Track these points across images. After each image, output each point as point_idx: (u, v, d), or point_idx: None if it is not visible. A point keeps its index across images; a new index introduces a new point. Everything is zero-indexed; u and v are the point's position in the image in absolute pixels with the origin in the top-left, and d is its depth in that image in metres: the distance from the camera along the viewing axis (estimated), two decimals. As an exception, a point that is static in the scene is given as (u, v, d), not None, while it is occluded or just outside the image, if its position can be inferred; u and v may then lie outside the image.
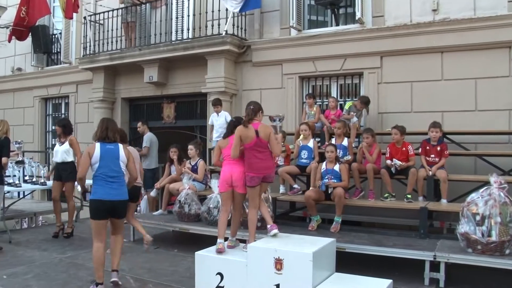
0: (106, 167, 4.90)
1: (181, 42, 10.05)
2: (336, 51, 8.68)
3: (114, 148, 5.03)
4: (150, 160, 9.23)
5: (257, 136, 5.13)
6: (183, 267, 5.91)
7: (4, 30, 13.31)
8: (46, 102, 14.11)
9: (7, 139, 6.71)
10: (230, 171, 5.32)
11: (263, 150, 5.16)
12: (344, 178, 6.59)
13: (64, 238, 7.53)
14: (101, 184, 4.89)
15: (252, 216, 5.34)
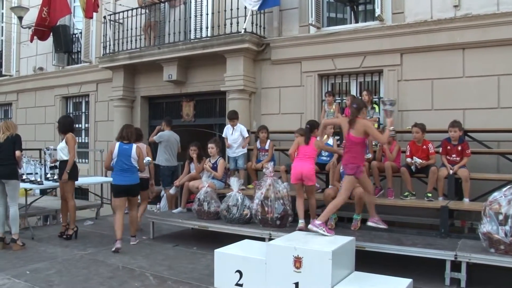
0: (120, 161, 6.80)
1: (200, 41, 10.10)
2: (355, 48, 8.64)
3: (129, 148, 6.87)
4: (168, 158, 9.27)
5: (348, 133, 5.70)
6: (202, 265, 5.96)
7: (27, 30, 13.55)
8: (67, 101, 14.30)
9: (18, 136, 6.85)
10: (301, 167, 6.29)
11: (350, 146, 5.70)
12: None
13: (64, 239, 7.46)
14: (117, 174, 6.86)
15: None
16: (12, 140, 6.73)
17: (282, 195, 6.51)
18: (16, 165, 6.76)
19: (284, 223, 6.47)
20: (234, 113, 8.52)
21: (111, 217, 9.57)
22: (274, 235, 6.02)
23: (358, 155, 5.73)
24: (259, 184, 6.78)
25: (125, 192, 6.87)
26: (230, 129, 8.44)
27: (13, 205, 6.75)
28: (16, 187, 6.82)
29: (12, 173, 6.70)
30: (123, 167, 6.77)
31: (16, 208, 6.76)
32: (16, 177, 6.77)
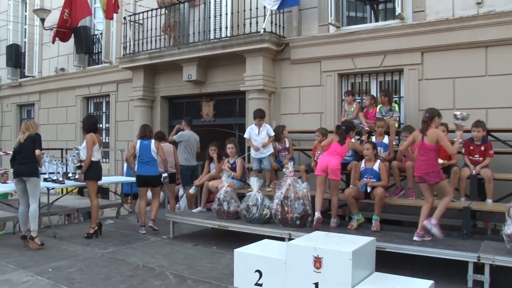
0: (142, 155, 7.93)
1: (219, 41, 10.14)
2: (375, 47, 8.58)
3: (148, 143, 7.96)
4: (189, 157, 9.33)
5: (422, 140, 5.80)
6: (222, 264, 5.98)
7: (49, 32, 13.76)
8: (87, 101, 14.50)
9: (38, 135, 6.93)
10: (328, 160, 6.48)
11: (424, 153, 5.76)
12: (383, 178, 6.54)
13: (84, 238, 7.52)
14: (139, 166, 7.98)
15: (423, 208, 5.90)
16: (32, 139, 6.84)
17: (302, 195, 6.50)
18: (36, 163, 6.85)
19: (304, 223, 6.46)
20: (262, 112, 8.36)
21: (131, 216, 9.71)
22: (294, 235, 6.01)
23: (435, 162, 5.78)
24: (279, 184, 6.79)
25: (145, 182, 7.99)
26: (256, 129, 8.14)
27: (33, 202, 6.84)
28: (36, 185, 6.91)
29: (32, 171, 6.80)
30: (144, 160, 7.92)
31: (36, 205, 6.84)
32: (36, 175, 6.86)
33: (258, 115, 8.19)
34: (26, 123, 7.13)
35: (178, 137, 9.38)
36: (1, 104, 17.30)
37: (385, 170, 6.58)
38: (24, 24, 16.35)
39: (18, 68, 16.33)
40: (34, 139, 6.84)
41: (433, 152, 5.72)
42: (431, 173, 5.68)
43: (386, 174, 6.59)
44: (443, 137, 5.76)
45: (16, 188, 7.08)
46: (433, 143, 5.68)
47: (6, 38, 16.70)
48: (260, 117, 8.16)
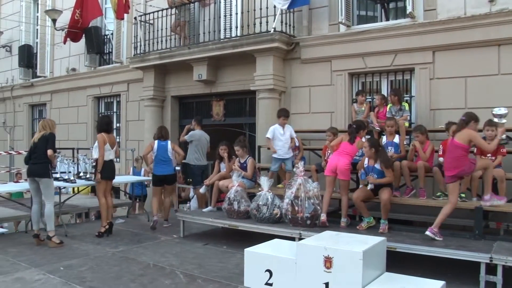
0: (159, 155, 8.38)
1: (229, 40, 10.15)
2: (386, 46, 8.54)
3: (165, 144, 8.45)
4: (198, 157, 9.34)
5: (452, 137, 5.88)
6: (232, 264, 5.99)
7: (60, 32, 13.86)
8: (98, 101, 14.59)
9: (52, 134, 6.96)
10: (337, 161, 6.54)
11: (454, 150, 5.77)
12: (387, 175, 6.43)
13: (95, 237, 7.59)
14: (156, 165, 8.43)
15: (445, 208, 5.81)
16: (45, 139, 6.87)
17: (312, 195, 6.50)
18: (48, 164, 6.89)
19: (314, 222, 6.45)
20: (287, 111, 8.28)
21: (142, 215, 9.75)
22: (304, 235, 6.02)
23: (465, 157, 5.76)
24: (289, 183, 6.78)
25: (162, 181, 8.47)
26: (281, 129, 8.02)
27: (47, 203, 6.90)
28: (49, 185, 6.96)
29: (44, 171, 6.85)
30: (161, 160, 8.37)
31: (50, 205, 6.91)
32: (48, 175, 6.90)
33: (283, 114, 8.08)
34: (43, 122, 7.15)
35: (189, 137, 9.40)
36: (14, 104, 17.44)
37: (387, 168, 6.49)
38: (36, 25, 16.49)
39: (30, 69, 16.48)
40: (47, 139, 6.87)
41: (459, 150, 5.69)
42: (465, 166, 5.69)
43: (390, 171, 6.50)
44: (476, 136, 5.76)
45: (29, 187, 7.14)
46: (464, 142, 5.67)
47: (18, 38, 16.86)
48: (285, 116, 8.08)
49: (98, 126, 7.94)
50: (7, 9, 17.57)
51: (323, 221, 6.46)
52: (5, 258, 6.20)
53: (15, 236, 7.76)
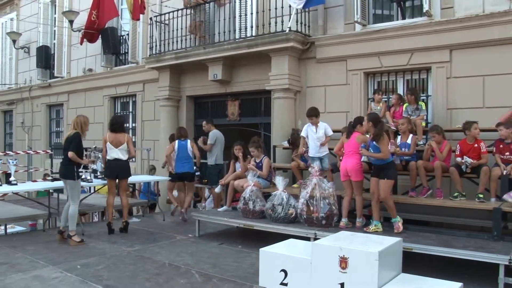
0: (180, 154, 8.98)
1: (244, 40, 10.16)
2: (402, 45, 8.47)
3: (185, 143, 9.04)
4: (215, 157, 9.40)
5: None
6: (247, 263, 6.00)
7: (77, 33, 14.01)
8: (114, 101, 14.71)
9: (76, 135, 7.01)
10: (345, 163, 6.50)
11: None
12: (381, 150, 6.11)
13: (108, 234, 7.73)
14: (178, 163, 8.98)
15: None
16: (69, 141, 6.97)
17: (327, 195, 6.48)
18: (72, 166, 6.96)
19: (329, 222, 6.43)
20: (315, 110, 8.03)
21: (158, 214, 9.81)
22: (320, 235, 5.99)
23: None
24: (304, 183, 6.77)
25: (182, 177, 9.09)
26: (313, 127, 7.83)
27: (72, 204, 7.01)
28: (73, 187, 7.05)
29: (68, 173, 6.97)
30: (182, 158, 8.97)
31: (74, 207, 7.00)
32: (71, 177, 6.98)
33: (313, 114, 7.86)
34: (74, 119, 7.23)
35: (213, 139, 9.43)
36: (32, 104, 17.70)
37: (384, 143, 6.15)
38: (54, 26, 16.72)
39: (47, 69, 16.72)
40: (70, 141, 6.96)
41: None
42: None
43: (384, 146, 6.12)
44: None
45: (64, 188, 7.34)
46: None
47: (36, 40, 17.13)
48: (316, 115, 7.85)
49: (109, 125, 8.10)
50: (25, 11, 17.83)
51: (342, 226, 6.42)
52: (24, 256, 6.29)
53: (33, 234, 7.87)
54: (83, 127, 7.11)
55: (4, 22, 19.15)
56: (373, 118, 6.35)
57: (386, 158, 6.14)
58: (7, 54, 19.08)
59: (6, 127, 20.06)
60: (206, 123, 9.76)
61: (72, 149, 6.88)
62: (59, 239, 7.12)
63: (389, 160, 6.19)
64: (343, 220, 6.55)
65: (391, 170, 6.22)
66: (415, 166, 6.87)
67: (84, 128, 7.14)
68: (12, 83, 18.67)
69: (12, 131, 19.35)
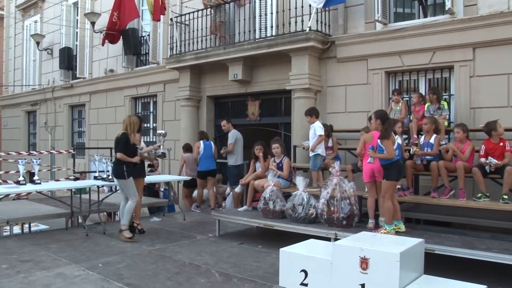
0: (205, 152, 9.93)
1: (264, 40, 10.16)
2: (424, 44, 8.37)
3: (209, 143, 10.07)
4: (236, 157, 9.44)
5: None
6: (267, 263, 5.99)
7: (98, 34, 14.18)
8: (135, 101, 14.84)
9: (123, 136, 7.20)
10: (371, 164, 6.25)
11: None
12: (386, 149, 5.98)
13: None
14: (202, 161, 9.93)
15: None
16: (117, 141, 7.23)
17: (348, 195, 6.44)
18: (122, 165, 7.16)
19: (350, 223, 6.39)
20: (309, 109, 8.22)
21: (178, 214, 9.87)
22: (340, 235, 5.97)
23: None
24: (325, 183, 6.74)
25: (206, 174, 9.95)
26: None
27: (130, 200, 7.28)
28: (125, 185, 7.27)
29: (117, 172, 7.22)
30: (208, 156, 9.92)
31: (131, 202, 7.26)
32: (122, 176, 7.19)
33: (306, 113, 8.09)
34: (126, 119, 7.43)
35: (232, 139, 9.50)
36: (54, 104, 17.97)
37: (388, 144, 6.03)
38: (76, 28, 16.94)
39: (70, 70, 16.96)
40: (118, 141, 7.20)
41: None
42: None
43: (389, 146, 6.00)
44: None
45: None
46: None
47: (59, 41, 17.40)
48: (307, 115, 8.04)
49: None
50: (48, 14, 18.12)
51: (371, 228, 6.35)
52: (47, 254, 6.40)
53: (57, 233, 7.97)
54: (130, 127, 7.29)
55: (28, 24, 19.55)
56: (381, 115, 6.31)
57: (391, 158, 6.02)
58: (31, 56, 19.45)
59: (30, 127, 20.41)
60: (227, 122, 9.83)
61: (120, 150, 7.14)
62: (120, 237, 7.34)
63: (392, 160, 6.02)
64: (370, 221, 6.49)
65: (393, 171, 6.02)
66: (436, 166, 6.78)
67: (133, 128, 7.33)
68: (35, 84, 19.01)
69: (36, 131, 19.68)
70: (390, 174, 6.01)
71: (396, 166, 6.05)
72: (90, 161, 11.90)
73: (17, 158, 8.54)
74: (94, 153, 10.26)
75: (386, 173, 6.03)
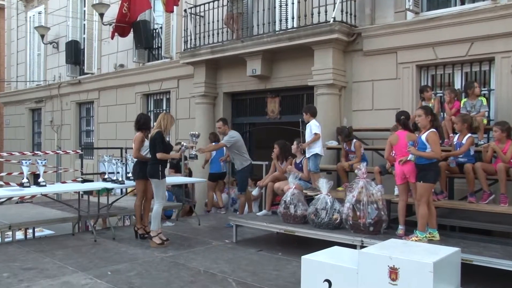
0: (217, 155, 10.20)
1: (285, 32, 10.14)
2: (461, 34, 8.23)
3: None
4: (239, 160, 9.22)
5: None
6: (287, 272, 5.97)
7: (107, 27, 14.32)
8: (147, 98, 14.96)
9: (158, 134, 7.31)
10: (402, 166, 6.20)
11: None
12: (433, 148, 5.92)
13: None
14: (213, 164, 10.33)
15: None
16: (152, 141, 7.33)
17: (376, 199, 6.38)
18: (158, 164, 7.30)
19: (378, 229, 6.33)
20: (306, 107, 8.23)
21: (192, 218, 9.91)
22: (367, 242, 5.93)
23: None
24: (350, 186, 6.70)
25: (218, 177, 10.36)
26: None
27: (157, 203, 7.40)
28: (157, 186, 7.39)
29: (153, 172, 7.33)
30: (218, 159, 10.18)
31: (158, 206, 7.38)
32: (156, 176, 7.32)
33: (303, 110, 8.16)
34: (161, 116, 7.59)
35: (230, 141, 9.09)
36: (61, 102, 18.20)
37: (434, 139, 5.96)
38: (83, 20, 17.14)
39: (77, 65, 17.17)
40: (153, 140, 7.32)
41: None
42: None
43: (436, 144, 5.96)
44: None
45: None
46: None
47: (65, 34, 17.62)
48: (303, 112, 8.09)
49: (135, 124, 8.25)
50: (54, 4, 18.37)
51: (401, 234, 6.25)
52: (52, 261, 6.45)
53: (63, 238, 8.05)
54: (166, 125, 7.46)
55: (32, 16, 19.76)
56: (431, 110, 6.29)
57: (436, 157, 5.96)
58: (35, 49, 19.71)
59: (34, 126, 20.72)
60: (223, 123, 9.40)
61: (160, 149, 7.26)
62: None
63: (432, 160, 5.95)
64: (400, 227, 6.38)
65: (431, 172, 5.95)
66: (470, 168, 6.62)
67: (168, 127, 7.53)
68: (40, 80, 19.28)
69: (40, 130, 19.98)
70: (427, 176, 5.92)
71: (435, 166, 6.00)
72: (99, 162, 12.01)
73: (20, 159, 8.61)
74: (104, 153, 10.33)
75: (423, 175, 5.94)
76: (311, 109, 8.06)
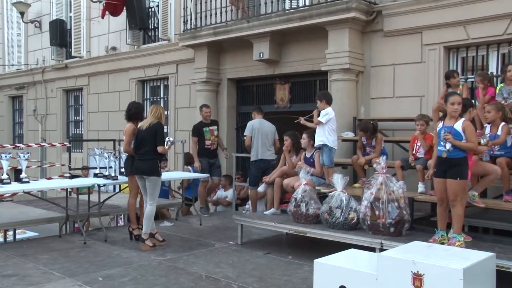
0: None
1: (296, 11, 10.11)
2: (497, 9, 8.08)
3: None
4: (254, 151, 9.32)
5: None
6: (298, 277, 5.99)
7: (97, 5, 14.25)
8: (143, 85, 14.98)
9: (160, 125, 7.39)
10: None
11: None
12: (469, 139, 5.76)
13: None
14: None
15: None
16: (153, 131, 7.28)
17: (397, 197, 6.36)
18: (158, 160, 7.34)
19: (399, 230, 6.32)
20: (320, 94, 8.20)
21: (193, 218, 9.95)
22: (387, 245, 5.93)
23: None
24: (368, 182, 6.69)
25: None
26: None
27: (150, 203, 7.38)
28: (156, 184, 7.40)
29: (153, 169, 7.31)
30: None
31: (152, 206, 7.39)
32: (157, 173, 7.34)
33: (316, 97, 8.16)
34: (155, 107, 7.58)
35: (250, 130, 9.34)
36: (45, 88, 18.21)
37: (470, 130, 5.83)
38: (70, -4, 17.04)
39: (63, 48, 17.06)
40: (156, 132, 7.29)
41: None
42: None
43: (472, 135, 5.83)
44: None
45: (139, 185, 7.60)
46: None
47: (49, 12, 17.52)
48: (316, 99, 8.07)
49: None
50: (36, -22, 18.25)
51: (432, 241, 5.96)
52: (36, 266, 6.46)
53: (47, 241, 8.07)
54: (161, 117, 7.50)
55: (9, -11, 19.56)
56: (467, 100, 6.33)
57: (475, 149, 5.91)
58: (14, 29, 19.54)
59: (15, 115, 20.76)
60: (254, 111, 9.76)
61: (161, 142, 7.28)
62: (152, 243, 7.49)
63: (465, 154, 5.83)
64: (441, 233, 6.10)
65: (466, 167, 5.83)
66: (504, 163, 6.55)
67: (162, 119, 7.55)
68: (21, 64, 19.20)
69: (22, 120, 20.00)
70: (463, 171, 5.78)
71: (468, 161, 5.88)
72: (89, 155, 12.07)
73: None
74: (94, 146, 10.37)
75: (458, 170, 5.77)
76: (326, 96, 8.01)
